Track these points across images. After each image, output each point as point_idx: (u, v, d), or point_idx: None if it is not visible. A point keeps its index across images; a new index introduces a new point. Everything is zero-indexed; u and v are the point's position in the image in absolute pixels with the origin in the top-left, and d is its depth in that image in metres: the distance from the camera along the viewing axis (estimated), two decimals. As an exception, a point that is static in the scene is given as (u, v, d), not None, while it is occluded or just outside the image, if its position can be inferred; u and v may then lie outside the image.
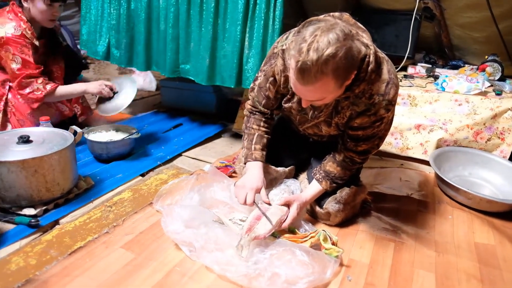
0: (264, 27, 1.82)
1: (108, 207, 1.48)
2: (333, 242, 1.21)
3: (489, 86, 2.08)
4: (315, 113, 1.31)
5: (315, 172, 1.40)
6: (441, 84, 2.04)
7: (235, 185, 1.37)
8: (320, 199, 1.39)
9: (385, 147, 2.03)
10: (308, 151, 1.60)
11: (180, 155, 2.03)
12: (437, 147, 1.94)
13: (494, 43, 2.30)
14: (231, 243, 1.16)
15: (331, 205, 1.36)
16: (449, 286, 1.16)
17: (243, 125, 1.50)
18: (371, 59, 1.09)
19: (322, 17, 1.09)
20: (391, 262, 1.25)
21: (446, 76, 2.05)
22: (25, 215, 1.36)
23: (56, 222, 1.38)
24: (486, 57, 2.27)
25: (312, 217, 1.46)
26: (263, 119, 1.45)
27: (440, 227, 1.46)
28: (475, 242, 1.38)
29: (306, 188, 1.42)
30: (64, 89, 1.95)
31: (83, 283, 1.09)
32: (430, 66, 2.44)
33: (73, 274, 1.12)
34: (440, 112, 1.96)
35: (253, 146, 1.41)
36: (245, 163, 1.43)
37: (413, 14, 2.29)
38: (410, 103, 2.03)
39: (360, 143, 1.29)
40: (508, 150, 1.86)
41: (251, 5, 1.82)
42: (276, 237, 1.25)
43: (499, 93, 1.97)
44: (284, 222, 1.25)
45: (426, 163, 1.94)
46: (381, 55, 1.17)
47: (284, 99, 1.37)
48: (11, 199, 1.38)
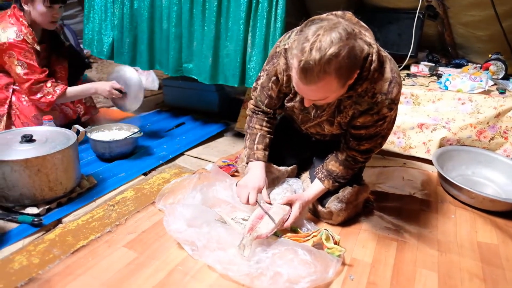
0: (266, 25, 1.82)
1: (111, 206, 1.48)
2: (335, 241, 1.21)
3: (492, 85, 2.07)
4: (318, 112, 1.31)
5: (317, 171, 1.39)
6: (444, 82, 2.03)
7: (237, 184, 1.37)
8: (322, 198, 1.39)
9: (387, 146, 2.03)
10: (310, 150, 1.60)
11: (182, 154, 2.03)
12: (440, 146, 1.93)
13: (497, 41, 2.29)
14: (233, 242, 1.16)
15: (333, 204, 1.36)
16: (451, 285, 1.16)
17: (245, 124, 1.50)
18: (374, 58, 1.09)
19: (324, 15, 1.09)
20: (394, 261, 1.24)
21: (449, 75, 2.04)
22: (28, 214, 1.37)
23: (59, 221, 1.38)
24: (490, 55, 2.26)
25: (315, 216, 1.46)
26: (266, 119, 1.45)
27: (443, 226, 1.46)
28: (478, 241, 1.38)
29: (308, 187, 1.42)
30: (74, 90, 1.96)
31: (85, 282, 1.09)
32: (433, 64, 2.42)
33: (76, 273, 1.12)
34: (443, 111, 1.95)
35: (255, 146, 1.41)
36: (247, 163, 1.43)
37: (416, 13, 2.28)
38: (413, 102, 2.02)
39: (362, 142, 1.29)
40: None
41: (253, 4, 1.82)
42: (278, 236, 1.25)
43: (502, 91, 1.96)
44: (286, 221, 1.25)
45: (429, 162, 1.93)
46: (384, 53, 1.17)
47: (287, 98, 1.37)
48: (14, 198, 1.38)
